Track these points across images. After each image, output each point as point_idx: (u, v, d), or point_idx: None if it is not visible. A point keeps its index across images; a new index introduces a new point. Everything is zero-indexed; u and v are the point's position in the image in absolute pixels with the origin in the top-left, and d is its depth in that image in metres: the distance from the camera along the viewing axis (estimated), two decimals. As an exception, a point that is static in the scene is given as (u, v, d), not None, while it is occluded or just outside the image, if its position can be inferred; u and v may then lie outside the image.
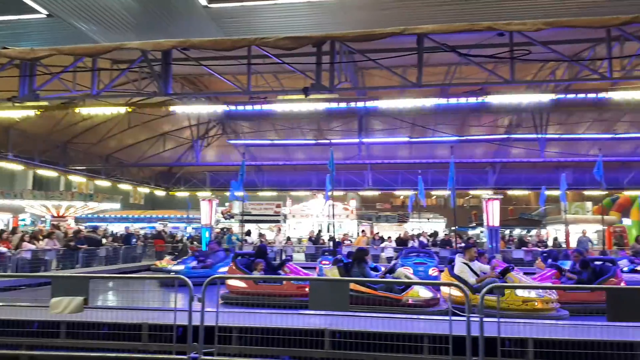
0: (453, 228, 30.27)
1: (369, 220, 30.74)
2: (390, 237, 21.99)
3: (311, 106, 12.22)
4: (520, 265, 15.74)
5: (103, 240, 18.67)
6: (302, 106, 11.45)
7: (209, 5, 10.03)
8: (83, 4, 9.94)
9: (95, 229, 20.56)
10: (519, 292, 7.94)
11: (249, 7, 10.14)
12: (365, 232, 24.08)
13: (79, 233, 17.58)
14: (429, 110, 16.35)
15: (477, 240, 23.67)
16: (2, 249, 13.83)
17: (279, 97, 12.02)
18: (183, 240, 23.12)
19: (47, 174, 19.60)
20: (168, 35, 10.01)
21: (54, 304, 6.09)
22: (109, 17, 10.47)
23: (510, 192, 22.50)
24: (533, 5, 9.87)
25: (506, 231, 27.00)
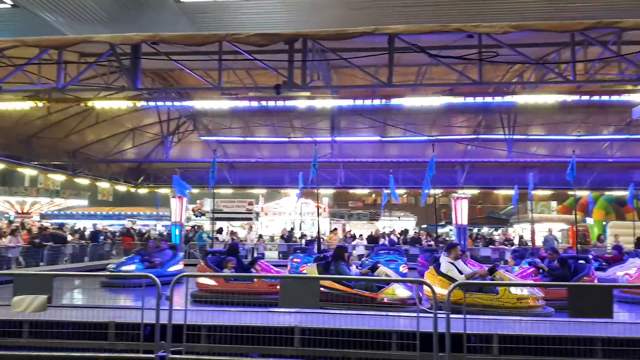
0: (423, 226, 30.84)
1: (342, 218, 30.90)
2: (362, 235, 22.12)
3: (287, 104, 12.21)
4: (488, 263, 16.04)
5: (69, 237, 18.21)
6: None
7: (181, 0, 9.91)
8: (50, -5, 9.69)
9: (61, 226, 20.02)
10: (513, 290, 7.96)
11: (221, 3, 10.07)
12: (337, 230, 24.15)
13: (45, 230, 17.10)
14: (400, 110, 16.57)
15: (446, 238, 24.07)
16: (-38, 246, 13.38)
17: (250, 94, 11.97)
18: (152, 237, 22.68)
19: (11, 169, 19.01)
20: (138, 29, 9.85)
21: (16, 302, 5.92)
22: (77, 9, 10.19)
23: (478, 192, 22.93)
24: (503, 9, 10.08)
25: (474, 229, 27.48)
